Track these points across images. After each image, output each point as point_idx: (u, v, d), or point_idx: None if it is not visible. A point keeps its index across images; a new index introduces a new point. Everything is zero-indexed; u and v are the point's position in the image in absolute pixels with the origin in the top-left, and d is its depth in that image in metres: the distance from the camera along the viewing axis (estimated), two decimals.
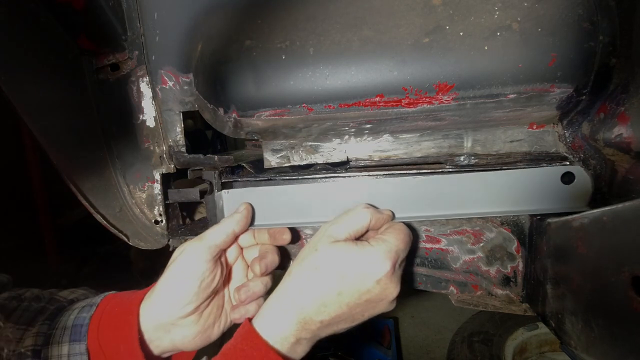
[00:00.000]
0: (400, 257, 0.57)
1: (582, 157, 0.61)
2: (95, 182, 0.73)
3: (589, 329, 0.51)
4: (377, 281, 0.55)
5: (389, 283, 0.55)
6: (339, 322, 0.57)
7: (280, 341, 0.54)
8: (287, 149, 0.71)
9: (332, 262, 0.56)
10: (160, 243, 0.77)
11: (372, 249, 0.56)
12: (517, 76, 0.52)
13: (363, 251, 0.55)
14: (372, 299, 0.56)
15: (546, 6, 0.50)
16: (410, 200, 0.67)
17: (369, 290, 0.55)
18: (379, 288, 0.55)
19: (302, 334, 0.55)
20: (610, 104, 0.54)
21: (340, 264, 0.55)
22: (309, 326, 0.55)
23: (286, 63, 0.57)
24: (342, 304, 0.55)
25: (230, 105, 0.61)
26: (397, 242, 0.57)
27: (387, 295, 0.56)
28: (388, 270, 0.55)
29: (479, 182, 0.65)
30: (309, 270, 0.57)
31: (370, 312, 0.58)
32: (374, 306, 0.57)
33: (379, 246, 0.56)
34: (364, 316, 0.58)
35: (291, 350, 0.55)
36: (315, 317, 0.55)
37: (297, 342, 0.55)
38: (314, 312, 0.55)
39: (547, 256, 0.60)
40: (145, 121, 0.73)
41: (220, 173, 0.74)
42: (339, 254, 0.56)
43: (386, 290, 0.56)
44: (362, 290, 0.55)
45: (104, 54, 0.70)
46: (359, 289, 0.55)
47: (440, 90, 0.55)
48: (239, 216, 0.66)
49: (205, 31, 0.63)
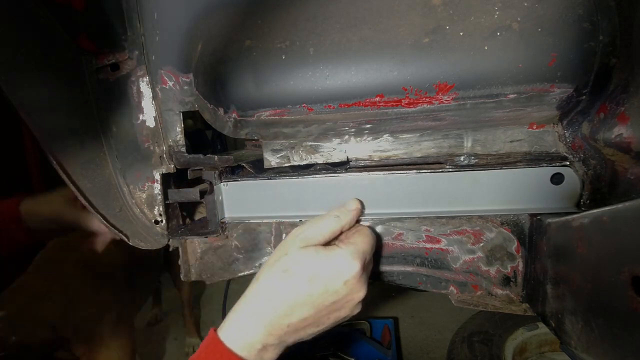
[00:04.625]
0: (367, 258, 0.59)
1: (582, 157, 0.61)
2: (95, 182, 0.73)
3: (589, 329, 0.51)
4: (345, 282, 0.55)
5: (356, 284, 0.56)
6: (306, 326, 0.57)
7: (246, 348, 0.54)
8: (287, 149, 0.71)
9: (301, 266, 0.56)
10: (160, 243, 0.77)
11: (341, 250, 0.57)
12: (517, 76, 0.52)
13: (332, 254, 0.56)
14: (339, 300, 0.57)
15: (546, 6, 0.50)
16: (402, 197, 0.68)
17: (337, 292, 0.56)
18: (346, 289, 0.56)
19: (269, 339, 0.55)
20: (610, 104, 0.54)
21: (309, 267, 0.56)
22: (275, 331, 0.55)
23: (286, 63, 0.57)
24: (309, 307, 0.55)
25: (230, 105, 0.61)
26: (364, 244, 0.59)
27: (353, 297, 0.57)
28: (357, 270, 0.56)
29: (471, 181, 0.65)
30: (278, 273, 0.57)
31: (336, 315, 0.59)
32: (340, 308, 0.58)
33: (347, 248, 0.57)
34: (330, 320, 0.59)
35: (258, 357, 0.55)
36: (283, 320, 0.55)
37: (263, 349, 0.55)
38: (282, 315, 0.55)
39: (547, 256, 0.60)
40: (145, 121, 0.73)
41: (220, 173, 0.75)
42: (308, 256, 0.56)
43: (353, 292, 0.57)
44: (329, 292, 0.55)
45: (104, 54, 0.70)
46: (327, 290, 0.55)
47: (440, 90, 0.55)
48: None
49: (205, 31, 0.63)
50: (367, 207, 0.70)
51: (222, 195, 0.75)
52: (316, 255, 0.56)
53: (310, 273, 0.55)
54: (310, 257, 0.56)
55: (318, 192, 0.71)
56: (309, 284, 0.55)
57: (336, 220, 0.61)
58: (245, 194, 0.74)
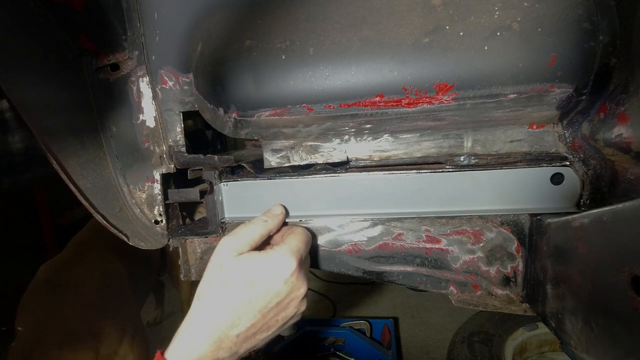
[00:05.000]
0: (303, 255, 0.60)
1: (582, 157, 0.61)
2: (95, 182, 0.73)
3: (589, 329, 0.51)
4: (285, 281, 0.56)
5: (296, 281, 0.58)
6: (256, 333, 0.57)
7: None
8: (287, 149, 0.71)
9: (239, 273, 0.56)
10: (160, 243, 0.77)
11: (275, 252, 0.58)
12: (517, 76, 0.52)
13: (267, 255, 0.57)
14: (282, 300, 0.57)
15: (546, 6, 0.50)
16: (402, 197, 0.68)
17: (279, 292, 0.56)
18: (287, 288, 0.57)
19: (220, 353, 0.54)
20: (610, 104, 0.54)
21: (247, 273, 0.56)
22: (225, 344, 0.55)
23: (286, 63, 0.57)
24: (254, 312, 0.55)
25: (230, 105, 0.61)
26: (297, 242, 0.60)
27: (296, 294, 0.58)
28: (294, 267, 0.57)
29: (471, 181, 0.66)
30: (217, 286, 0.57)
31: (284, 316, 0.59)
32: (285, 307, 0.58)
33: (281, 248, 0.58)
34: (278, 322, 0.59)
35: None
36: (230, 331, 0.55)
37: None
38: (228, 327, 0.55)
39: (547, 256, 0.60)
40: (145, 121, 0.73)
41: (220, 173, 0.75)
42: (244, 263, 0.57)
43: (294, 288, 0.58)
44: (271, 293, 0.56)
45: (104, 54, 0.70)
46: (268, 291, 0.56)
47: (440, 90, 0.55)
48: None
49: (205, 31, 0.63)
50: (367, 207, 0.70)
51: (222, 195, 0.75)
52: (251, 261, 0.57)
53: (249, 279, 0.56)
54: (245, 263, 0.57)
55: (318, 192, 0.71)
56: (249, 290, 0.55)
57: (264, 225, 0.63)
58: (245, 194, 0.74)
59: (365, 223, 0.71)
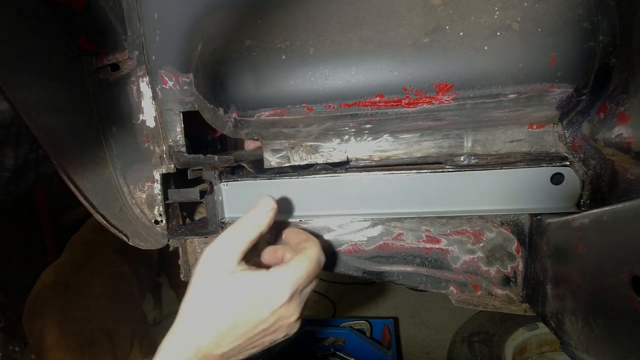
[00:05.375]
0: (301, 286, 0.55)
1: (582, 157, 0.61)
2: (95, 182, 0.73)
3: (589, 329, 0.51)
4: (273, 312, 0.54)
5: (286, 312, 0.55)
6: (240, 351, 0.56)
7: None
8: (287, 149, 0.71)
9: (226, 297, 0.54)
10: (160, 243, 0.77)
11: (271, 277, 0.54)
12: (517, 76, 0.52)
13: (259, 281, 0.54)
14: (269, 327, 0.55)
15: (546, 6, 0.50)
16: (402, 197, 0.68)
17: (265, 320, 0.54)
18: (274, 318, 0.54)
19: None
20: (610, 104, 0.54)
21: (234, 297, 0.54)
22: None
23: (286, 63, 0.57)
24: (238, 336, 0.54)
25: (230, 105, 0.61)
26: (300, 271, 0.55)
27: (283, 322, 0.56)
28: (285, 300, 0.53)
29: (471, 181, 0.66)
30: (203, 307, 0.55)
31: (271, 338, 0.58)
32: (272, 332, 0.57)
33: (278, 275, 0.54)
34: (265, 343, 0.57)
35: None
36: (215, 350, 0.54)
37: None
38: (213, 346, 0.53)
39: (547, 256, 0.60)
40: (145, 121, 0.73)
41: (220, 173, 0.75)
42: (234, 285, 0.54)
43: (282, 318, 0.55)
44: (257, 321, 0.54)
45: (104, 54, 0.70)
46: (254, 319, 0.54)
47: (440, 90, 0.55)
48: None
49: (205, 31, 0.63)
50: (367, 207, 0.70)
51: (222, 195, 0.75)
52: (241, 285, 0.54)
53: (235, 304, 0.53)
54: (233, 286, 0.54)
55: (318, 192, 0.71)
56: (235, 316, 0.53)
57: (256, 229, 0.57)
58: (246, 194, 0.74)
59: (365, 223, 0.71)
